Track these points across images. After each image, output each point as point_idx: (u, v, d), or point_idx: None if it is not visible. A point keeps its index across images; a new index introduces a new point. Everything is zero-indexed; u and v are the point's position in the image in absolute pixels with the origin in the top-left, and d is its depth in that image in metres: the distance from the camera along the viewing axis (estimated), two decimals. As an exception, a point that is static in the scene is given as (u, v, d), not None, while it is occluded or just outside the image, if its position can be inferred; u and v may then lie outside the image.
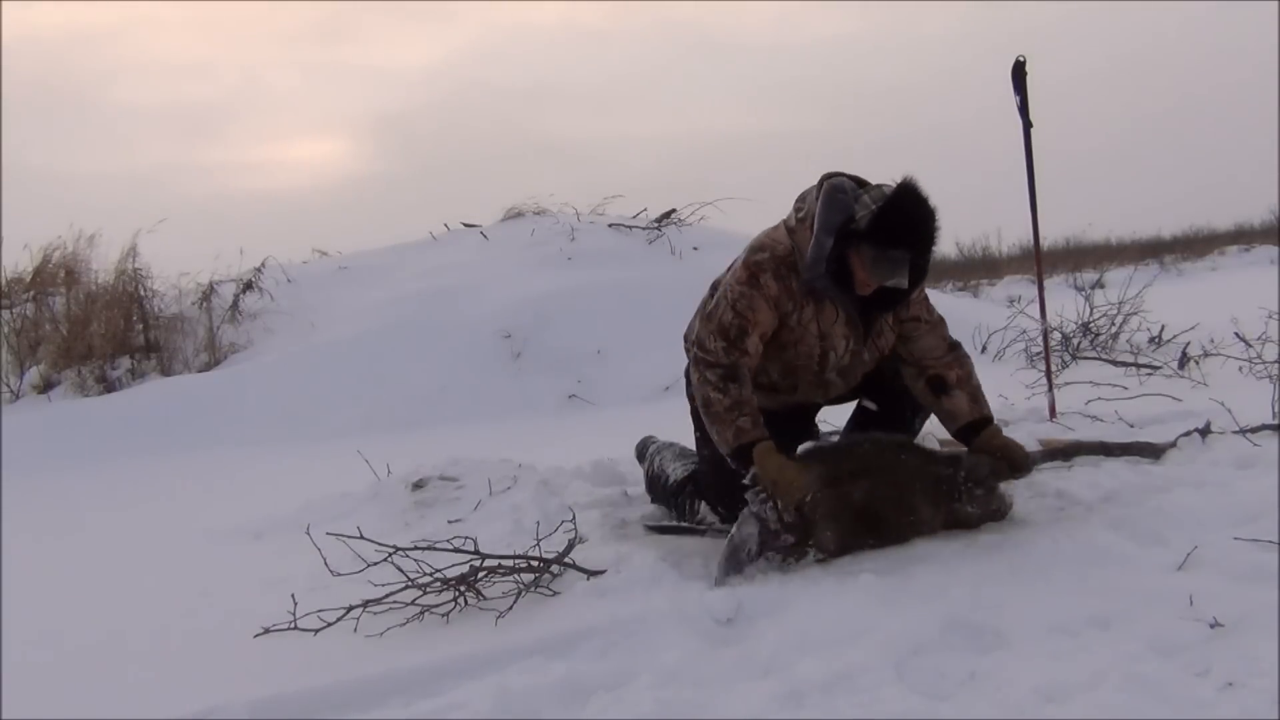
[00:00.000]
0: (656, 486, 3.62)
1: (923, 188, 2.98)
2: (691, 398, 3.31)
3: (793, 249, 3.11)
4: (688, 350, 3.22)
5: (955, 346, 3.27)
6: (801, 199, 3.15)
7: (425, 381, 7.47)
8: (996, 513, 3.10)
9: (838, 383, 3.29)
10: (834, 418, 3.92)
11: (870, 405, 3.44)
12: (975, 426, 3.19)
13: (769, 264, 3.10)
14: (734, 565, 2.89)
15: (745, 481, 2.96)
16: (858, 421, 3.50)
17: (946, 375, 3.21)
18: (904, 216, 2.95)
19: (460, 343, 7.81)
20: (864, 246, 2.97)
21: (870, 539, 2.96)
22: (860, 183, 3.08)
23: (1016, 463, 3.16)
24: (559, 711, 2.21)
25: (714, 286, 3.28)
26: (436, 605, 2.80)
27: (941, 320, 3.29)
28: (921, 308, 3.25)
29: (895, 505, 2.99)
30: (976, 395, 3.22)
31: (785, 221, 3.18)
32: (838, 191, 3.04)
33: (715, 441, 3.09)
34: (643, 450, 3.84)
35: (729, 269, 3.26)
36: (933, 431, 4.17)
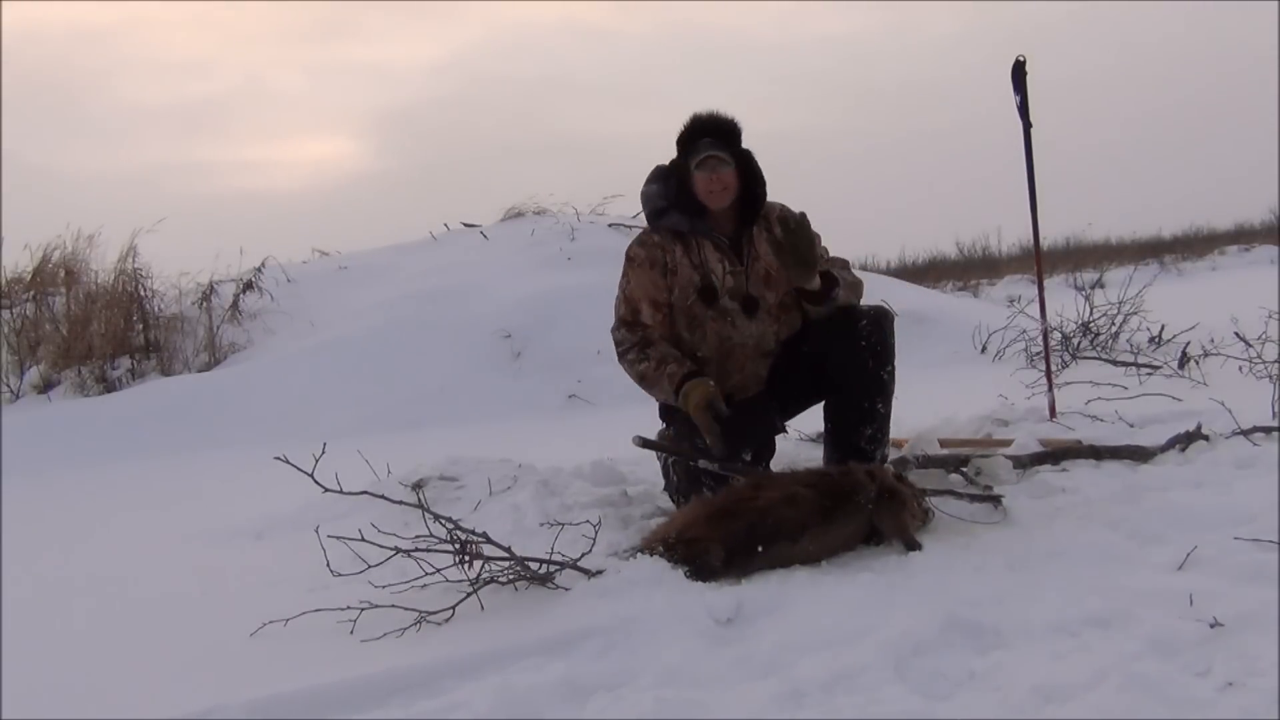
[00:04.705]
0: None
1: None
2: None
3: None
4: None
5: (843, 269, 3.61)
6: None
7: (425, 381, 7.47)
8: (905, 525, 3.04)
9: (738, 312, 3.55)
10: (805, 424, 3.90)
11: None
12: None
13: (634, 242, 3.68)
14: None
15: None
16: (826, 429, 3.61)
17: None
18: (697, 116, 3.54)
19: (460, 343, 7.81)
20: (688, 161, 3.49)
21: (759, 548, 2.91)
22: None
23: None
24: (559, 711, 2.21)
25: None
26: (436, 608, 2.79)
27: (846, 262, 3.68)
28: (828, 261, 3.58)
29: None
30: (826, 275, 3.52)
31: None
32: (654, 167, 3.66)
33: (660, 399, 3.58)
34: None
35: None
36: (934, 429, 4.17)
